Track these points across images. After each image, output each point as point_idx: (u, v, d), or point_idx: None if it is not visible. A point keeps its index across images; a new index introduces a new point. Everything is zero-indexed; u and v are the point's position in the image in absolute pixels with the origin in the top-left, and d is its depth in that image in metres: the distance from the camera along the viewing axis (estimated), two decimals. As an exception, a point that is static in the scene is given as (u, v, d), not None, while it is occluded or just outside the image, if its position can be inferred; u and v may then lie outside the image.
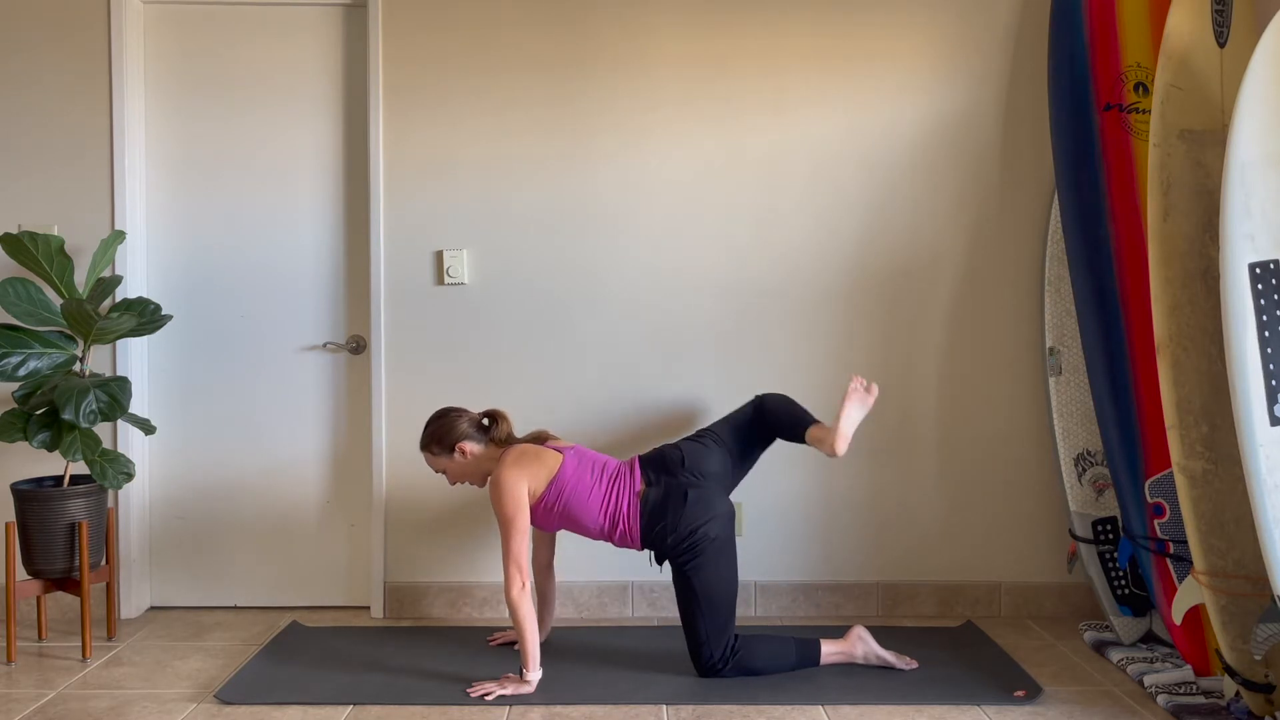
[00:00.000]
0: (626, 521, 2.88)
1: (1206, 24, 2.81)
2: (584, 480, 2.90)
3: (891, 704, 2.72)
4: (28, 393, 3.15)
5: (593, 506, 2.88)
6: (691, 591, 2.84)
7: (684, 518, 2.84)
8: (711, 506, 2.88)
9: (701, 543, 2.84)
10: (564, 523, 2.92)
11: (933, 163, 3.48)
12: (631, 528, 2.88)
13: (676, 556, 2.85)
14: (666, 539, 2.85)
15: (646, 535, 2.87)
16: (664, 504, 2.87)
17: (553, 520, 2.91)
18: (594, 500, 2.88)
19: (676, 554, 2.85)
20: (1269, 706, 2.56)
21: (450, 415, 2.98)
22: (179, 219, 3.54)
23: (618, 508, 2.89)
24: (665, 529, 2.85)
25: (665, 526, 2.85)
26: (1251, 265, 2.32)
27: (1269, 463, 2.25)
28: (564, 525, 2.93)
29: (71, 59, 3.42)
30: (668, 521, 2.85)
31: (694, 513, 2.85)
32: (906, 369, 3.51)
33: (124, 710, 2.70)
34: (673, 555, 2.86)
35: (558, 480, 2.87)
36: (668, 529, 2.85)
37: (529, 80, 3.46)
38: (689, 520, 2.84)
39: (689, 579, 2.84)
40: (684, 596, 2.86)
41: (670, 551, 2.86)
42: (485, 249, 3.49)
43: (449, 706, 2.72)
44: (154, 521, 3.57)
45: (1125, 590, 3.16)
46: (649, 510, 2.87)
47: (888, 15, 3.46)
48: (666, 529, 2.85)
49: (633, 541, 2.90)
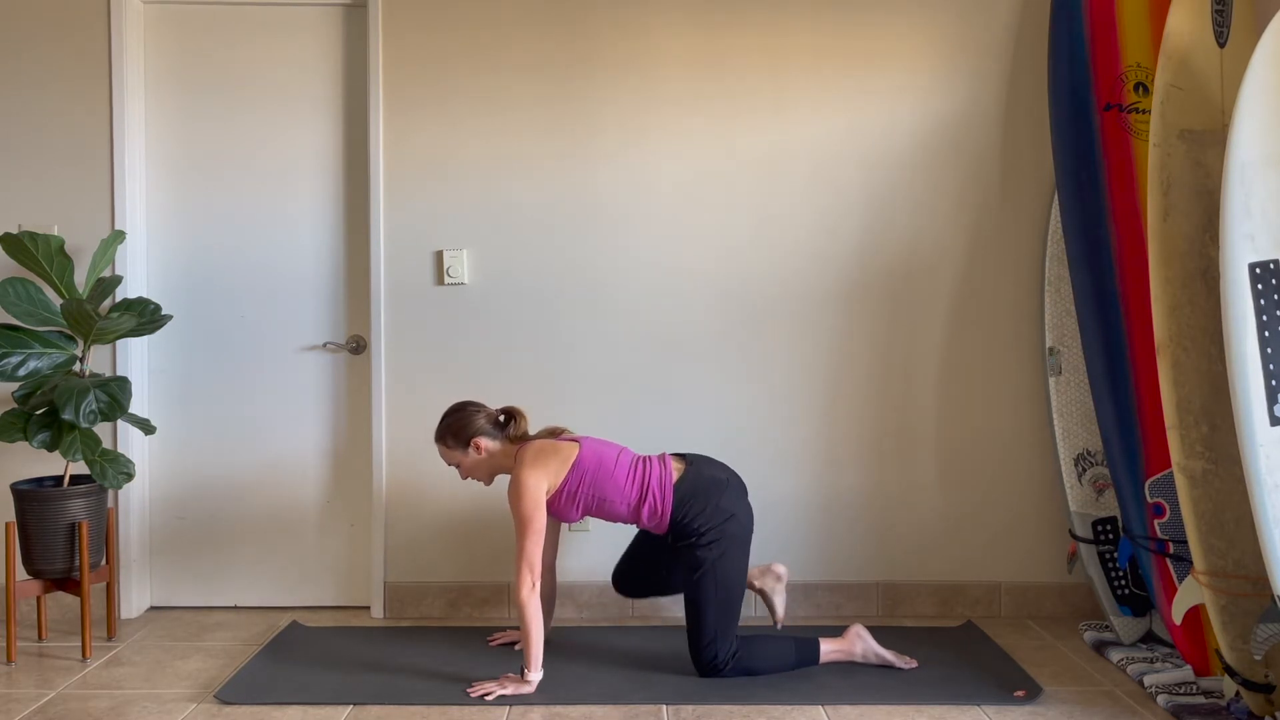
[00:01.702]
0: (658, 494, 2.87)
1: (1206, 24, 2.81)
2: (606, 457, 2.90)
3: (891, 704, 2.72)
4: (28, 393, 3.15)
5: (619, 477, 2.88)
6: (708, 579, 2.82)
7: (722, 501, 2.87)
8: (743, 503, 2.92)
9: (731, 529, 2.85)
10: (590, 505, 2.89)
11: (933, 163, 3.48)
12: (665, 498, 2.86)
13: (703, 536, 2.84)
14: (697, 519, 2.85)
15: (678, 510, 2.86)
16: (701, 486, 2.88)
17: (577, 506, 2.89)
18: (620, 472, 2.88)
19: (703, 535, 2.84)
20: (1269, 706, 2.56)
21: (468, 410, 2.98)
22: (179, 219, 3.54)
23: (646, 479, 2.88)
24: (698, 507, 2.85)
25: (698, 505, 2.85)
26: (1251, 265, 2.32)
27: (1269, 463, 2.25)
28: (589, 508, 2.90)
29: (71, 59, 3.42)
30: (701, 502, 2.86)
31: (729, 501, 2.88)
32: (906, 369, 3.51)
33: (124, 710, 2.70)
34: (699, 537, 2.84)
35: (578, 464, 2.87)
36: (700, 508, 2.85)
37: (529, 80, 3.46)
38: (725, 506, 2.86)
39: (710, 564, 2.82)
40: (698, 585, 2.83)
41: (697, 534, 2.85)
42: (485, 249, 3.49)
43: (449, 706, 2.72)
44: (154, 521, 3.57)
45: (1125, 590, 3.16)
46: (686, 487, 2.87)
47: (888, 15, 3.46)
48: (699, 508, 2.85)
49: (662, 513, 2.87)
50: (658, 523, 2.89)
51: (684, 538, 2.88)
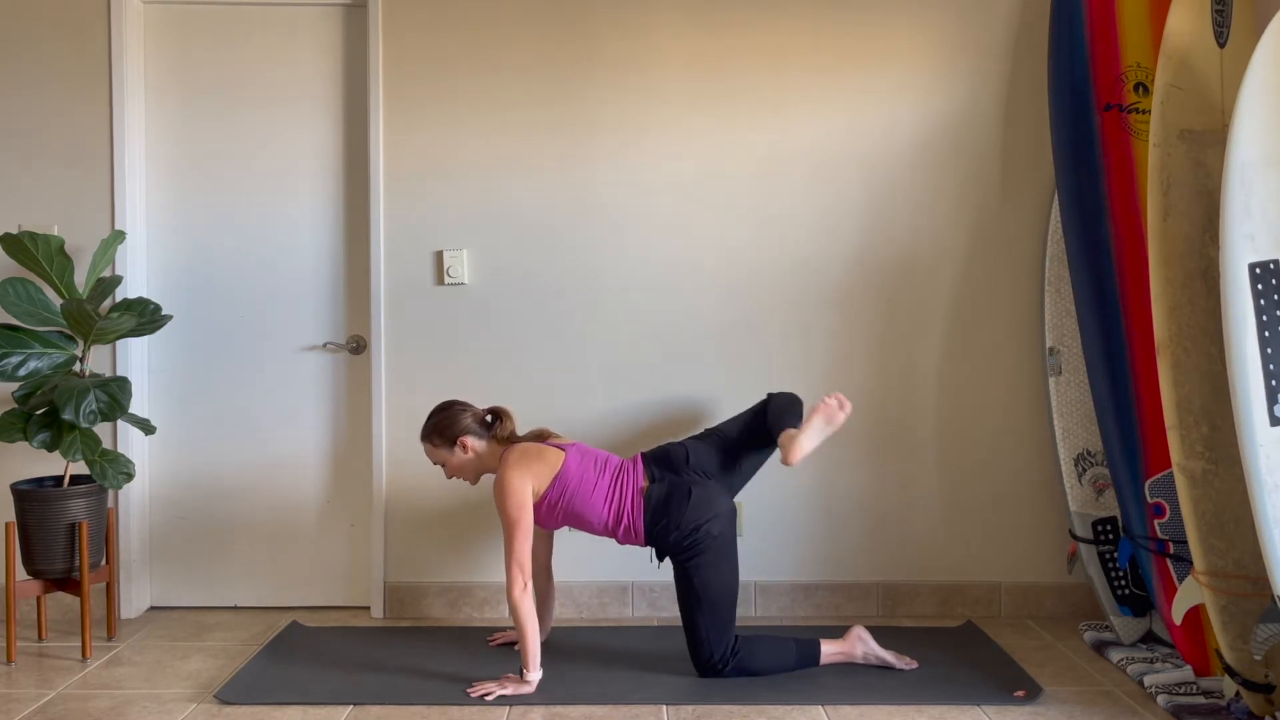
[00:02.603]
0: (631, 516, 2.88)
1: (1206, 24, 2.81)
2: (588, 476, 2.90)
3: (891, 704, 2.72)
4: (28, 393, 3.15)
5: (597, 501, 2.88)
6: (693, 590, 2.84)
7: (687, 515, 2.85)
8: (714, 504, 2.88)
9: (704, 540, 2.84)
10: (568, 519, 2.92)
11: (933, 163, 3.48)
12: (636, 522, 2.88)
13: (678, 554, 2.85)
14: (669, 535, 2.85)
15: (650, 530, 2.87)
16: (667, 501, 2.87)
17: (556, 517, 2.91)
18: (598, 495, 2.89)
19: (678, 551, 2.85)
20: (1269, 706, 2.56)
21: (454, 409, 2.98)
22: (179, 219, 3.54)
23: (622, 502, 2.89)
24: (668, 525, 2.85)
25: (668, 523, 2.85)
26: (1251, 265, 2.32)
27: (1269, 463, 2.25)
28: (568, 522, 2.93)
29: (71, 59, 3.42)
30: (670, 518, 2.85)
31: (697, 510, 2.86)
32: (906, 368, 3.51)
33: (124, 710, 2.70)
34: (675, 552, 2.86)
35: (561, 477, 2.87)
36: (670, 525, 2.85)
37: (529, 80, 3.46)
38: (692, 518, 2.84)
39: (691, 577, 2.84)
40: (685, 595, 2.86)
41: (673, 548, 2.86)
42: (485, 249, 3.49)
43: (449, 706, 2.72)
44: (154, 521, 3.57)
45: (1125, 590, 3.16)
46: (652, 506, 2.87)
47: (888, 15, 3.46)
48: (669, 525, 2.85)
49: (637, 537, 2.90)
50: (634, 540, 2.92)
51: (663, 552, 2.90)
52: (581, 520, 2.91)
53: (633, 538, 2.91)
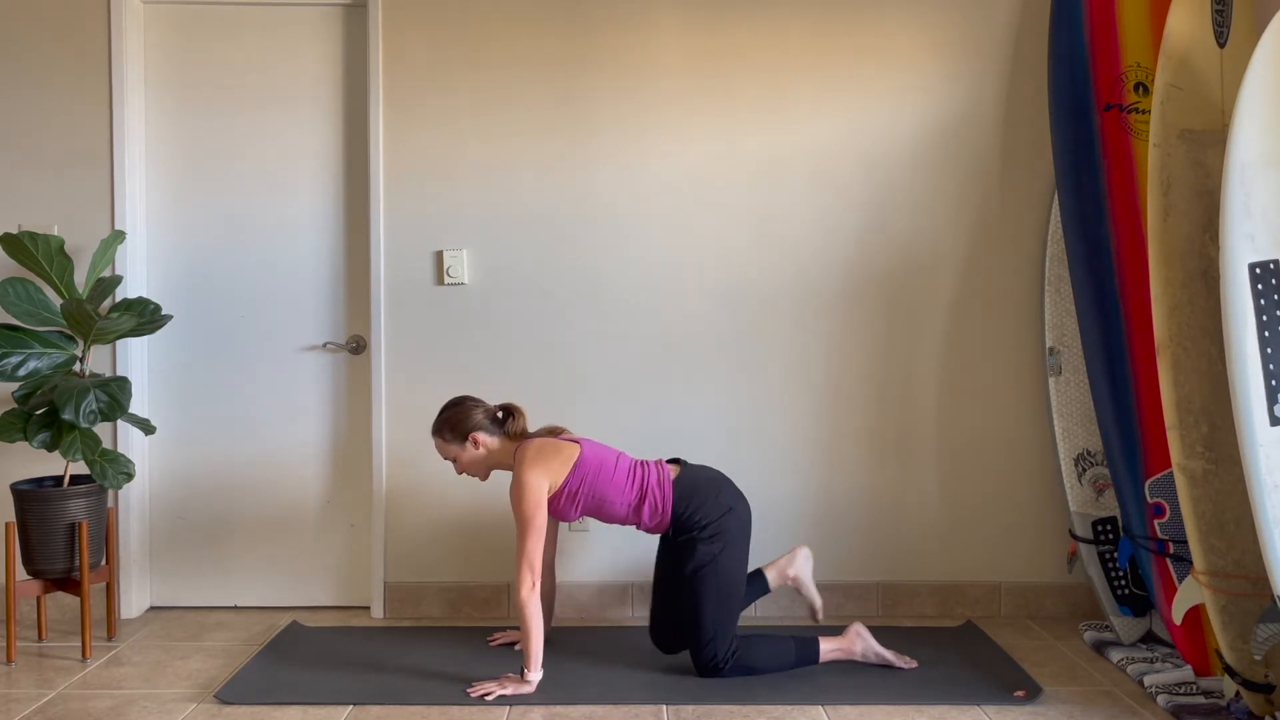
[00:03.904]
0: (657, 493, 2.88)
1: (1206, 24, 2.81)
2: (607, 459, 2.91)
3: (891, 704, 2.72)
4: (28, 393, 3.15)
5: (620, 479, 2.89)
6: (708, 576, 2.82)
7: (720, 497, 2.89)
8: (741, 502, 2.94)
9: (731, 524, 2.87)
10: (589, 507, 2.90)
11: (933, 163, 3.48)
12: (665, 496, 2.88)
13: (703, 530, 2.85)
14: (699, 512, 2.86)
15: (679, 505, 2.88)
16: (699, 484, 2.91)
17: (577, 506, 2.90)
18: (620, 474, 2.89)
19: (704, 530, 2.85)
20: (1269, 706, 2.56)
21: (467, 404, 2.98)
22: (179, 219, 3.54)
23: (645, 481, 2.89)
24: (699, 501, 2.87)
25: (699, 499, 2.87)
26: (1251, 265, 2.32)
27: (1269, 463, 2.25)
28: (588, 510, 2.91)
29: (71, 59, 3.42)
30: (701, 496, 2.88)
31: (728, 497, 2.91)
32: (907, 369, 3.51)
33: (124, 710, 2.70)
34: (700, 530, 2.85)
35: (579, 465, 2.87)
36: (700, 501, 2.87)
37: (529, 80, 3.46)
38: (724, 501, 2.88)
39: (707, 562, 2.83)
40: (697, 584, 2.83)
41: (699, 526, 2.85)
42: (485, 249, 3.49)
43: (449, 706, 2.72)
44: (154, 521, 3.57)
45: (1125, 590, 3.16)
46: (684, 485, 2.89)
47: (888, 15, 3.46)
48: (699, 501, 2.87)
49: (663, 511, 2.88)
50: (659, 521, 2.89)
51: (685, 531, 2.88)
52: (603, 503, 2.89)
53: (656, 516, 2.89)
